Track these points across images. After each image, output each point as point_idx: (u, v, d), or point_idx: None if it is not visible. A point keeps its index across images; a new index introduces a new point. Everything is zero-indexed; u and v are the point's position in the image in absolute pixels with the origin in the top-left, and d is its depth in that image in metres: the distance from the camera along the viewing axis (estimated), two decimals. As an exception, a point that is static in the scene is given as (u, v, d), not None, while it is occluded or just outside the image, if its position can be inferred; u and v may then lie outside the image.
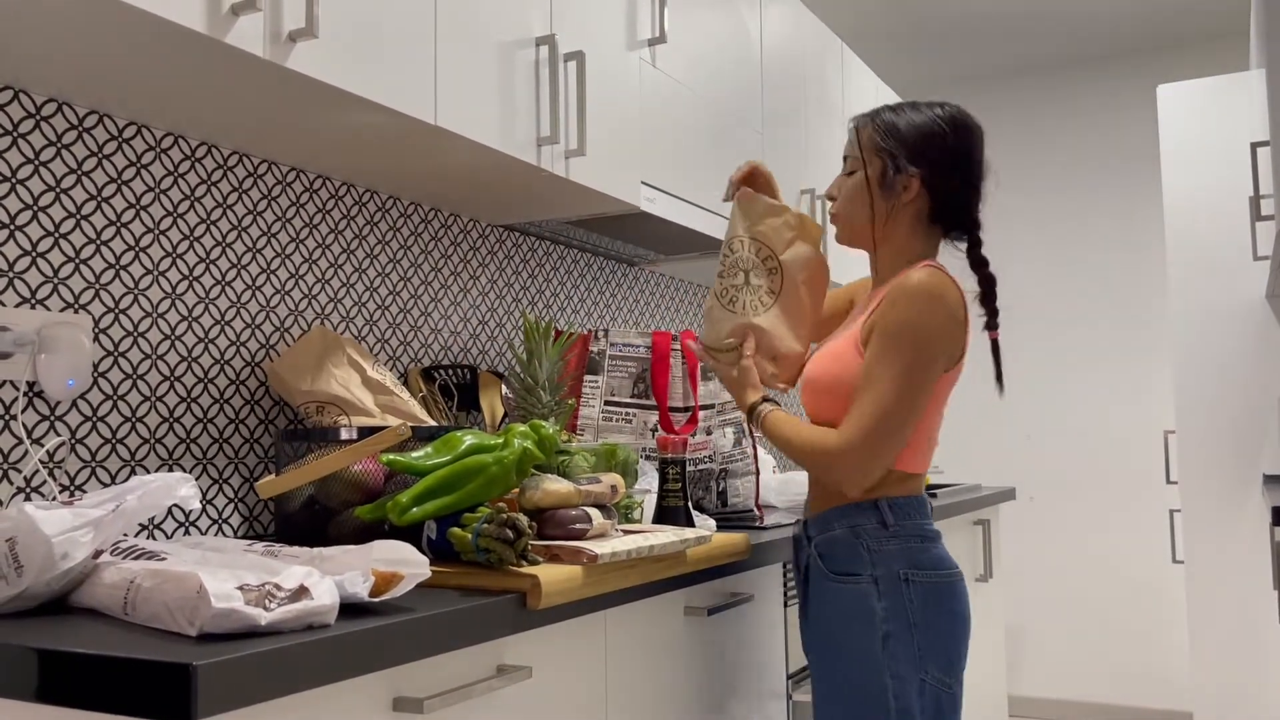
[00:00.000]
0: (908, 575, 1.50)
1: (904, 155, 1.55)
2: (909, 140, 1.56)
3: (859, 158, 1.60)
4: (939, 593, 1.51)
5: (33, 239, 1.47)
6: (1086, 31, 4.45)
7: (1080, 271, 4.71)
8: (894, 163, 1.55)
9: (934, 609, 1.50)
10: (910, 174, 1.55)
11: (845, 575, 1.52)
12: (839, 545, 1.53)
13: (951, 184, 1.57)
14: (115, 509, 1.09)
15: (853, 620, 1.50)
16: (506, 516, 1.22)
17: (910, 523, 1.52)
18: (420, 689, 1.09)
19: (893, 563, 1.50)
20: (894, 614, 1.48)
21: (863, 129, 1.61)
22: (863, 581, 1.50)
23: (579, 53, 1.94)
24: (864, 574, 1.50)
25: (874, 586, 1.50)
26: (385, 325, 2.07)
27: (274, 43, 1.36)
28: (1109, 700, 4.50)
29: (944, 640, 1.50)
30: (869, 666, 1.48)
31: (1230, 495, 3.42)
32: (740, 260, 1.66)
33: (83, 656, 0.87)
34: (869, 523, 1.52)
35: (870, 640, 1.48)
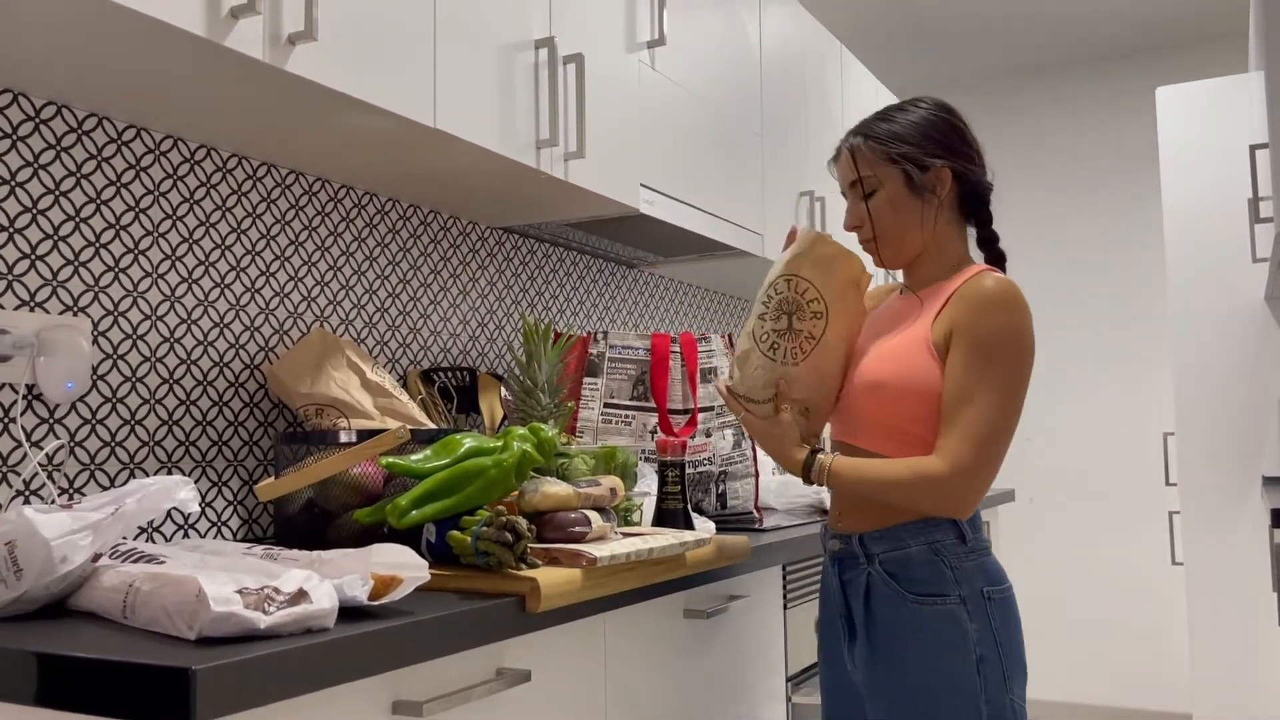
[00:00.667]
0: (989, 593, 1.43)
1: (924, 151, 1.50)
2: (919, 138, 1.51)
3: (871, 176, 1.53)
4: (1010, 608, 1.45)
5: (32, 242, 1.47)
6: (1085, 33, 4.46)
7: (1079, 273, 4.71)
8: (916, 163, 1.50)
9: (1010, 626, 1.44)
10: (939, 167, 1.50)
11: (931, 596, 1.43)
12: (916, 564, 1.45)
13: (973, 167, 1.54)
14: (114, 512, 1.09)
15: (945, 645, 1.41)
16: (506, 519, 1.22)
17: (980, 536, 1.47)
18: (420, 692, 1.09)
19: (975, 580, 1.43)
20: (984, 636, 1.42)
21: (859, 148, 1.54)
22: (951, 603, 1.42)
23: (578, 55, 1.94)
24: (951, 594, 1.42)
25: (963, 607, 1.42)
26: (384, 328, 2.07)
27: (273, 45, 1.36)
28: (1109, 702, 4.50)
29: (1020, 657, 1.45)
30: (963, 693, 1.40)
31: (1230, 497, 3.42)
32: (785, 302, 1.51)
33: (82, 660, 0.87)
34: (948, 538, 1.44)
35: (965, 665, 1.41)
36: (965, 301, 1.44)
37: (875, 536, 1.48)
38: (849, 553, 1.52)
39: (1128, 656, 4.48)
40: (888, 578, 1.46)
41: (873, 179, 1.53)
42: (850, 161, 1.55)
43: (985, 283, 1.45)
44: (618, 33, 2.14)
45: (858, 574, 1.50)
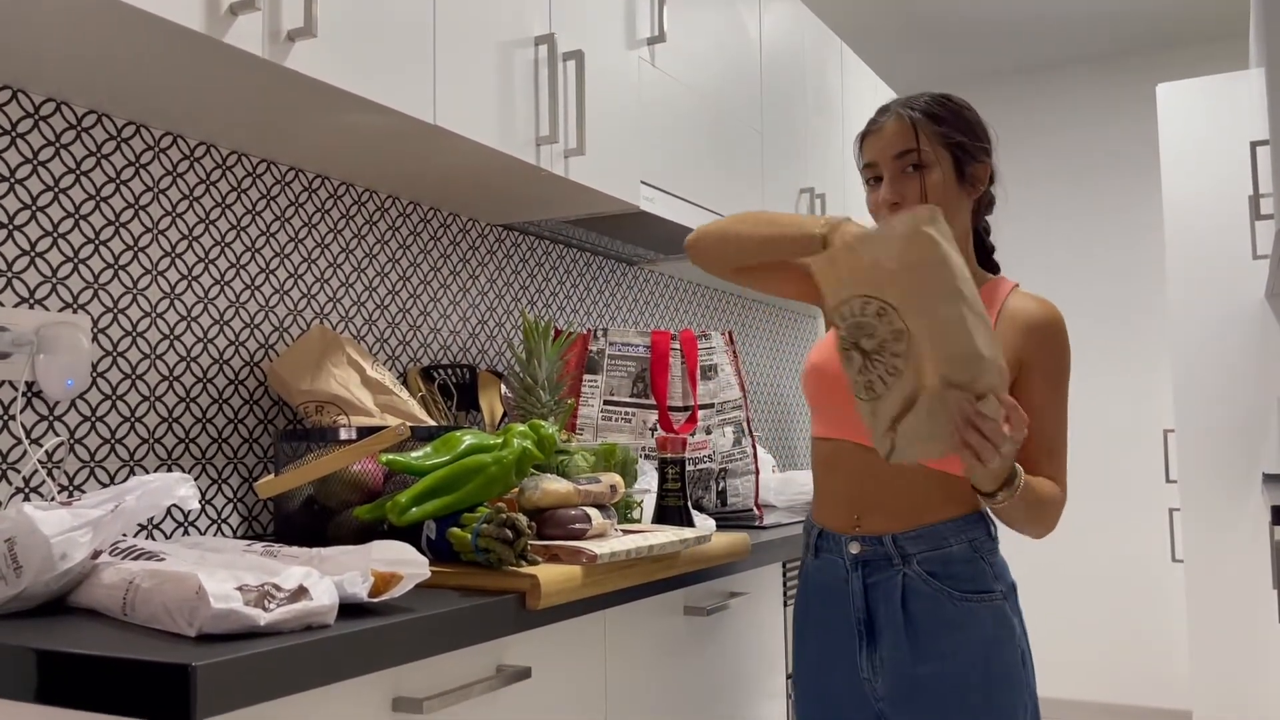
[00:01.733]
0: (1016, 587, 1.47)
1: (972, 143, 1.48)
2: (970, 129, 1.48)
3: (929, 151, 1.46)
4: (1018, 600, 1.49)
5: (31, 239, 1.47)
6: (1086, 30, 4.45)
7: (1079, 270, 4.71)
8: (967, 153, 1.47)
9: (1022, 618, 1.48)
10: (982, 162, 1.50)
11: (978, 594, 1.41)
12: (958, 562, 1.42)
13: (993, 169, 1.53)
14: (114, 509, 1.09)
15: (998, 640, 1.40)
16: (506, 516, 1.22)
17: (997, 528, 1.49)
18: (420, 689, 1.09)
19: (1005, 575, 1.46)
20: (1022, 630, 1.45)
21: (920, 121, 1.47)
22: (997, 599, 1.42)
23: (578, 52, 1.94)
24: (995, 589, 1.42)
25: (1006, 601, 1.43)
26: (384, 325, 2.06)
27: (273, 42, 1.36)
28: (1109, 699, 4.50)
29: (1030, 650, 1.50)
30: (1015, 688, 1.40)
31: (1230, 494, 3.42)
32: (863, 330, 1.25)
33: (82, 657, 0.87)
34: (982, 534, 1.44)
35: (1015, 660, 1.41)
36: (1031, 331, 1.45)
37: (911, 537, 1.44)
38: (879, 555, 1.46)
39: (1128, 653, 4.48)
40: (928, 577, 1.43)
41: (930, 154, 1.46)
42: (907, 132, 1.47)
43: (1046, 311, 1.48)
44: (618, 29, 2.14)
45: (889, 576, 1.45)
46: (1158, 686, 4.41)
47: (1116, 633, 4.51)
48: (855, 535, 1.48)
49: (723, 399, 2.17)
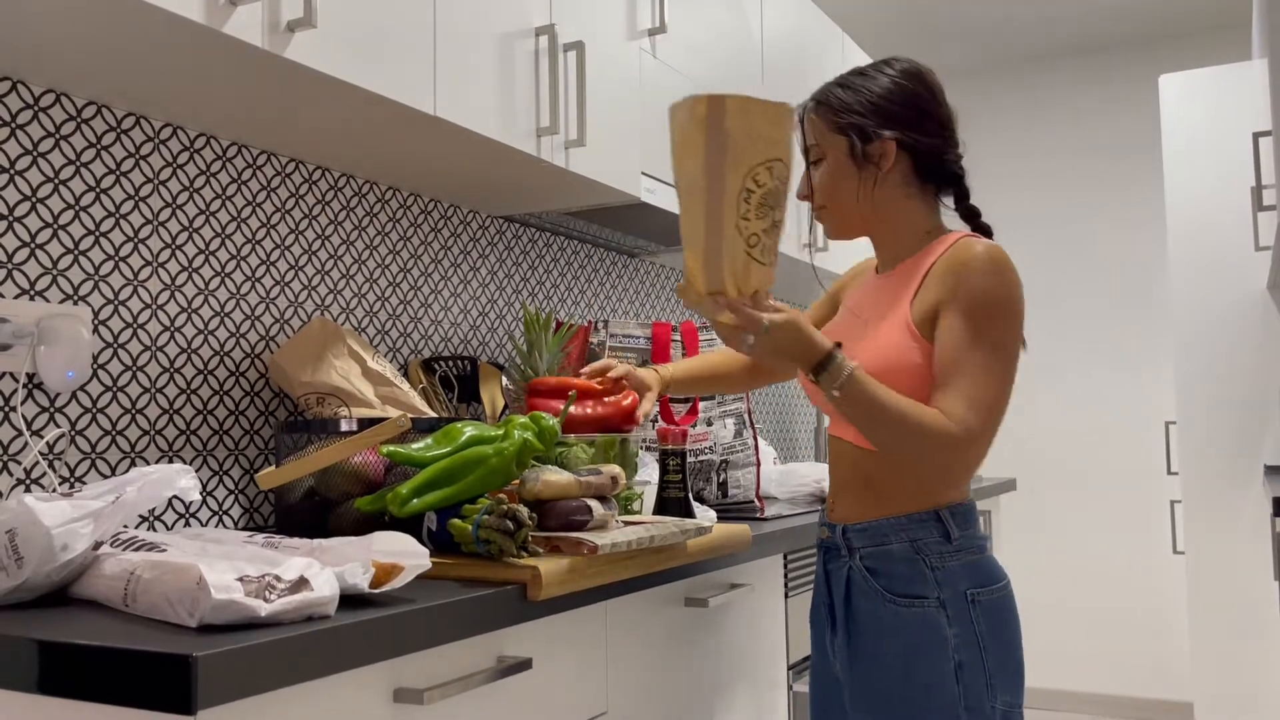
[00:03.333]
0: (974, 595, 1.38)
1: (871, 122, 1.44)
2: (869, 105, 1.45)
3: (817, 145, 1.49)
4: (1001, 609, 1.39)
5: (31, 230, 1.47)
6: (1088, 21, 4.44)
7: (1081, 262, 4.71)
8: (861, 134, 1.44)
9: (999, 628, 1.38)
10: (883, 138, 1.44)
11: (909, 598, 1.38)
12: (897, 562, 1.40)
13: (928, 136, 1.45)
14: (115, 500, 1.09)
15: (922, 650, 1.37)
16: (507, 508, 1.22)
17: (970, 532, 1.41)
18: (421, 680, 1.09)
19: (958, 581, 1.38)
20: (965, 640, 1.36)
21: (810, 115, 1.50)
22: (929, 605, 1.37)
23: (579, 43, 1.94)
24: (930, 596, 1.37)
25: (942, 610, 1.37)
26: (385, 317, 2.06)
27: (272, 33, 1.36)
28: (1110, 691, 4.51)
29: (1011, 660, 1.39)
30: (941, 700, 1.36)
31: (1231, 486, 3.42)
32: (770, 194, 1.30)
33: (83, 648, 0.87)
34: (930, 536, 1.39)
35: (942, 671, 1.36)
36: (953, 269, 1.38)
37: (858, 529, 1.44)
38: (833, 543, 1.49)
39: (1129, 645, 4.48)
40: (867, 574, 1.43)
41: (818, 148, 1.49)
42: (801, 127, 1.51)
43: (973, 248, 1.38)
44: (618, 20, 2.14)
45: (839, 566, 1.47)
46: (1159, 677, 4.42)
47: (1118, 624, 4.51)
48: (825, 521, 1.53)
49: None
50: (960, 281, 1.36)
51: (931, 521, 1.40)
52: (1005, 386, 1.35)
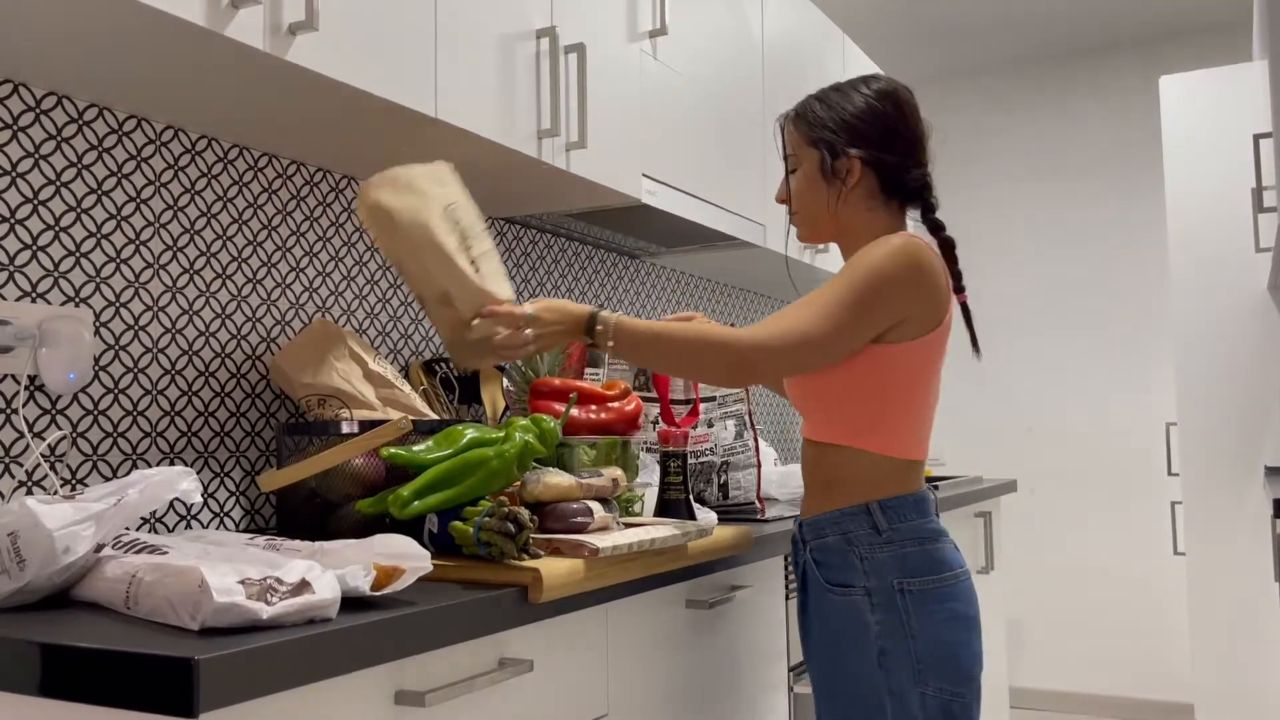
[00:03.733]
0: (902, 585, 1.43)
1: (841, 140, 1.54)
2: (841, 124, 1.54)
3: (794, 155, 1.60)
4: (939, 599, 1.43)
5: (33, 233, 1.47)
6: (1088, 22, 4.44)
7: (1082, 263, 4.71)
8: (830, 149, 1.54)
9: (933, 618, 1.43)
10: (850, 156, 1.53)
11: (839, 586, 1.47)
12: (832, 553, 1.49)
13: (892, 156, 1.53)
14: (117, 503, 1.09)
15: (848, 635, 1.45)
16: (508, 510, 1.23)
17: (906, 525, 1.46)
18: (422, 682, 1.09)
19: (886, 572, 1.44)
20: (889, 629, 1.42)
21: (788, 126, 1.61)
22: (855, 594, 1.45)
23: (580, 45, 1.94)
24: (857, 585, 1.45)
25: (867, 599, 1.44)
26: (386, 318, 2.06)
27: (274, 35, 1.36)
28: (1110, 692, 4.51)
29: (947, 649, 1.43)
30: (866, 682, 1.44)
31: (1232, 487, 3.42)
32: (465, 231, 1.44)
33: (85, 651, 0.88)
34: (860, 529, 1.47)
35: (866, 656, 1.43)
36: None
37: (809, 523, 1.54)
38: (797, 537, 1.59)
39: (1129, 646, 4.48)
40: (813, 564, 1.52)
41: (795, 158, 1.60)
42: (780, 136, 1.63)
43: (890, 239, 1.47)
44: (619, 22, 2.14)
45: (800, 558, 1.57)
46: (1159, 679, 4.41)
47: (1118, 625, 4.51)
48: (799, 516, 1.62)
49: (724, 392, 2.17)
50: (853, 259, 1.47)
51: (861, 514, 1.47)
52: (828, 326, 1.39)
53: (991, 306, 4.78)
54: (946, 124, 4.93)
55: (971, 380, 4.82)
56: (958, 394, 4.82)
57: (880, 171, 1.54)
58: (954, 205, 4.93)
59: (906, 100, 1.57)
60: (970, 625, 1.47)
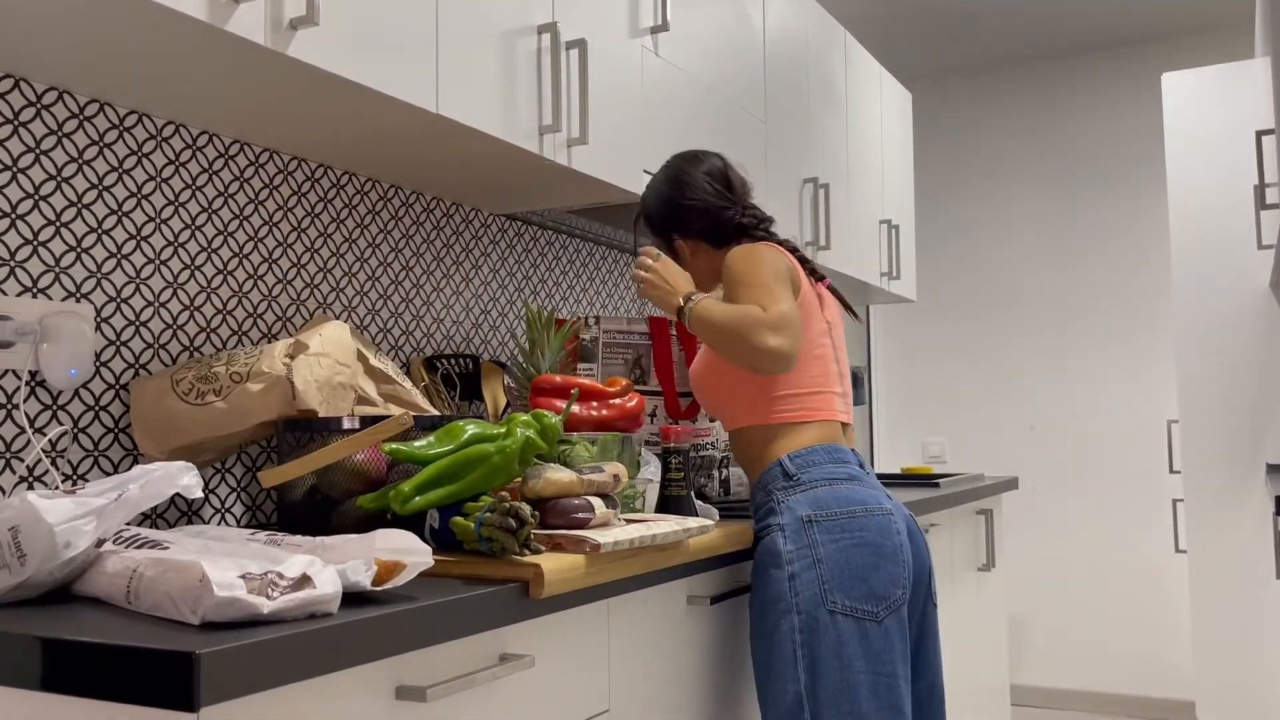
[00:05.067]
0: (811, 516, 1.63)
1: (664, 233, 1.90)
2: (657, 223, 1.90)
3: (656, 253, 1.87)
4: (848, 527, 1.62)
5: (34, 228, 1.47)
6: (1091, 19, 4.44)
7: (1084, 260, 4.70)
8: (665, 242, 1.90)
9: (841, 543, 1.61)
10: (673, 242, 1.89)
11: (762, 524, 1.68)
12: (760, 510, 1.71)
13: (694, 222, 1.86)
14: (118, 498, 1.09)
15: (765, 564, 1.64)
16: (509, 506, 1.22)
17: (816, 469, 1.68)
18: (423, 678, 1.09)
19: (798, 508, 1.64)
20: (799, 554, 1.61)
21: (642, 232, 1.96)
22: (772, 530, 1.65)
23: (581, 40, 1.94)
24: (773, 523, 1.65)
25: (780, 534, 1.63)
26: (387, 314, 2.06)
27: (275, 30, 1.36)
28: (1111, 689, 4.51)
29: (856, 570, 1.59)
30: (778, 606, 1.60)
31: (1233, 485, 3.41)
32: None
33: (86, 645, 0.87)
34: (776, 481, 1.69)
35: (777, 581, 1.61)
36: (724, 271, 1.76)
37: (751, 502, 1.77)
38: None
39: (1131, 643, 4.48)
40: (754, 522, 1.74)
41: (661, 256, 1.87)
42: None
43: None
44: (621, 18, 2.13)
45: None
46: (1160, 676, 4.41)
47: (1119, 622, 4.51)
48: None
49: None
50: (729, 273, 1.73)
51: (775, 469, 1.70)
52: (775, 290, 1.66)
53: (993, 304, 4.78)
54: (948, 121, 4.93)
55: (973, 378, 4.81)
56: (959, 391, 4.81)
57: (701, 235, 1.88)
58: (956, 202, 4.93)
59: (688, 171, 1.88)
60: (881, 552, 1.62)
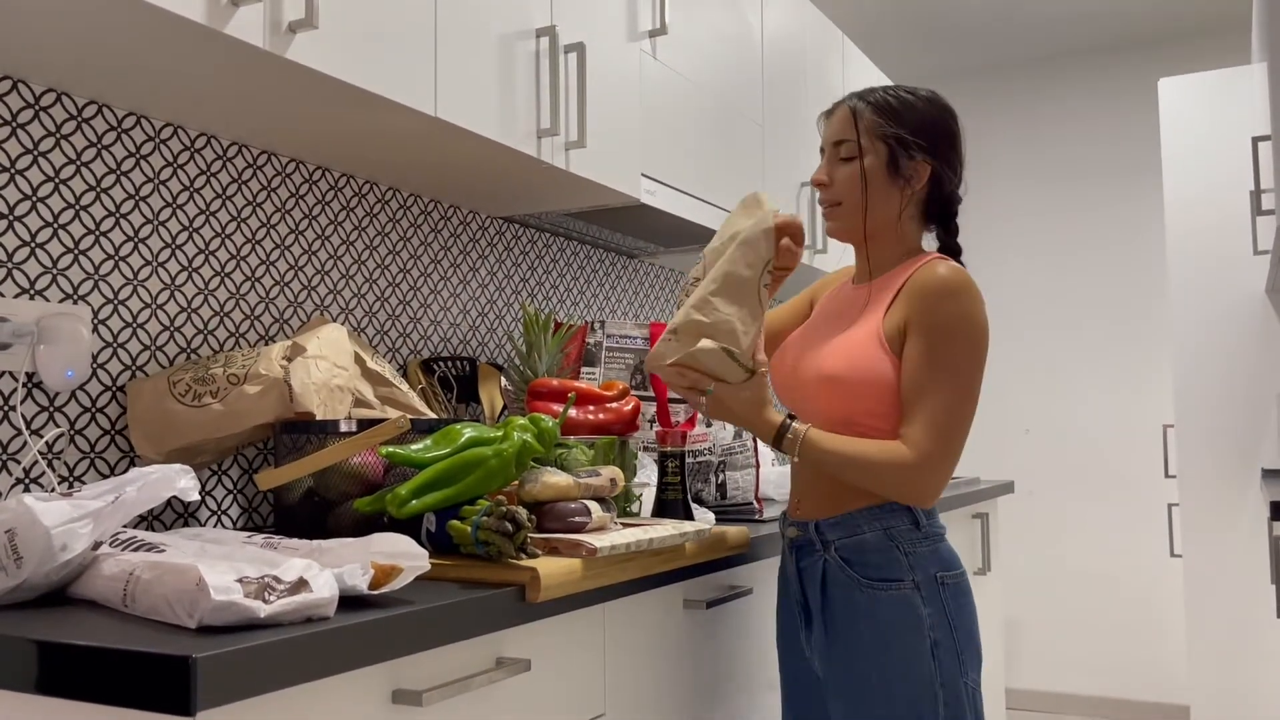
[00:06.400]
0: (942, 578, 1.45)
1: (913, 143, 1.50)
2: (914, 126, 1.51)
3: (855, 142, 1.52)
4: (964, 591, 1.47)
5: (32, 229, 1.47)
6: (1087, 24, 4.44)
7: (1080, 265, 4.71)
8: (904, 149, 1.50)
9: (964, 609, 1.46)
10: (919, 161, 1.51)
11: (885, 582, 1.44)
12: (870, 550, 1.46)
13: (953, 173, 1.55)
14: (114, 500, 1.09)
15: (900, 630, 1.43)
16: (506, 509, 1.22)
17: (935, 522, 1.49)
18: (419, 681, 1.09)
19: (928, 565, 1.45)
20: (937, 620, 1.43)
21: (861, 111, 1.53)
22: (905, 587, 1.44)
23: (579, 44, 1.94)
24: (905, 579, 1.44)
25: (917, 592, 1.44)
26: (385, 317, 2.06)
27: (274, 33, 1.36)
28: (1106, 694, 4.51)
29: (974, 640, 1.47)
30: (919, 678, 1.42)
31: (1229, 490, 3.42)
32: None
33: (82, 648, 0.87)
34: (902, 524, 1.46)
35: (920, 650, 1.42)
36: (917, 292, 1.46)
37: (831, 523, 1.49)
38: (806, 540, 1.53)
39: (1126, 648, 4.49)
40: (843, 564, 1.48)
41: (854, 145, 1.52)
42: (848, 121, 1.54)
43: (937, 270, 1.46)
44: (619, 22, 2.14)
45: (814, 561, 1.52)
46: (1156, 681, 4.42)
47: (1115, 627, 4.51)
48: (793, 520, 1.57)
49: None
50: (923, 305, 1.45)
51: (902, 510, 1.47)
52: (964, 407, 1.43)
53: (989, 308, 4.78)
54: (945, 125, 4.92)
55: (969, 381, 4.81)
56: (955, 395, 4.81)
57: (934, 185, 1.53)
58: (953, 206, 4.93)
59: (959, 122, 1.57)
60: (977, 618, 1.51)
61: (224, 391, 1.49)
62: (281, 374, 1.49)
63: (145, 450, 1.52)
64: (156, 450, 1.51)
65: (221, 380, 1.50)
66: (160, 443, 1.52)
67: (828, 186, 1.55)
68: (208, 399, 1.50)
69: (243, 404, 1.49)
